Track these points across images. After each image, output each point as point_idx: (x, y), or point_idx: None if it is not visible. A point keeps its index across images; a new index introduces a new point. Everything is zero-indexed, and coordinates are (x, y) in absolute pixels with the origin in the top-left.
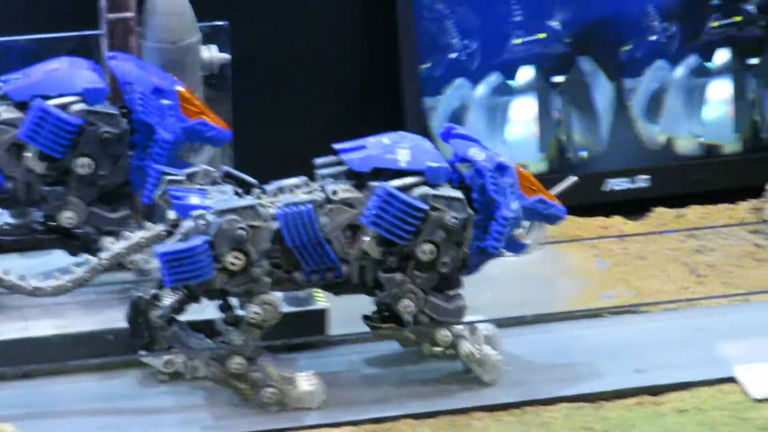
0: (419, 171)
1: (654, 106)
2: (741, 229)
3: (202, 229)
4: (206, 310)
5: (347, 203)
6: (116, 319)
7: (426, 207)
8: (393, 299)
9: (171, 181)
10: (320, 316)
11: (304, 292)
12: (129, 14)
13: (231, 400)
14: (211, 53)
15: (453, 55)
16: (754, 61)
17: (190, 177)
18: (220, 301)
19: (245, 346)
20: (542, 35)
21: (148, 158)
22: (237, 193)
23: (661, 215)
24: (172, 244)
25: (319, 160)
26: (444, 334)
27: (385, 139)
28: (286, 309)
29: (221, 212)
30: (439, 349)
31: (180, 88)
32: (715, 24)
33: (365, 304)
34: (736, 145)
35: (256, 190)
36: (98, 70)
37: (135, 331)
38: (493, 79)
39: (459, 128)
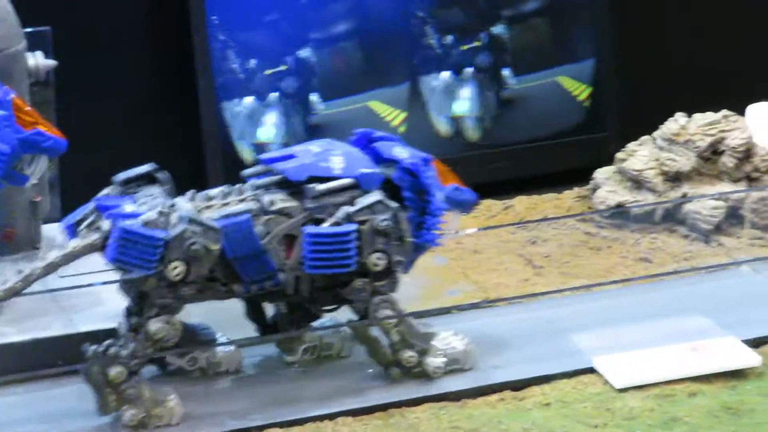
0: (353, 178)
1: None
2: (570, 219)
3: (162, 225)
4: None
5: (284, 213)
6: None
7: (354, 227)
8: (366, 305)
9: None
10: None
11: None
12: None
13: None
14: (37, 60)
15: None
16: None
17: (126, 183)
18: (130, 305)
19: (134, 357)
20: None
21: None
22: (164, 194)
23: (489, 207)
24: (133, 224)
25: (246, 171)
26: (409, 354)
27: (314, 147)
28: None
29: (190, 220)
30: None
31: (14, 98)
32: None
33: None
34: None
35: (188, 193)
36: None
37: None
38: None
39: (376, 132)
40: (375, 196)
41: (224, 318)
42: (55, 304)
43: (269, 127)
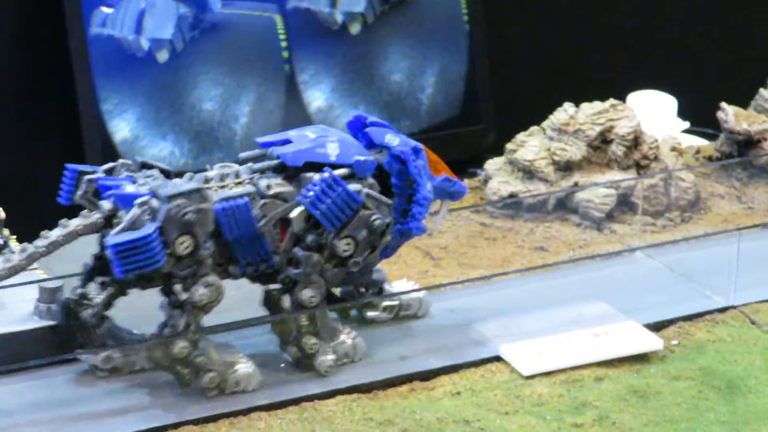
0: (348, 165)
1: None
2: (464, 210)
3: (149, 216)
4: None
5: (280, 197)
6: None
7: (360, 202)
8: (301, 279)
9: (90, 179)
10: None
11: (56, 305)
12: None
13: (172, 390)
14: None
15: None
16: None
17: (109, 171)
18: (163, 286)
19: (190, 329)
20: None
21: None
22: (166, 177)
23: None
24: (122, 235)
25: (242, 155)
26: (312, 342)
27: (309, 132)
28: (39, 323)
29: (169, 197)
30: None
31: None
32: None
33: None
34: None
35: (187, 175)
36: None
37: (70, 333)
38: None
39: (370, 117)
40: (389, 200)
41: None
42: None
43: (158, 22)
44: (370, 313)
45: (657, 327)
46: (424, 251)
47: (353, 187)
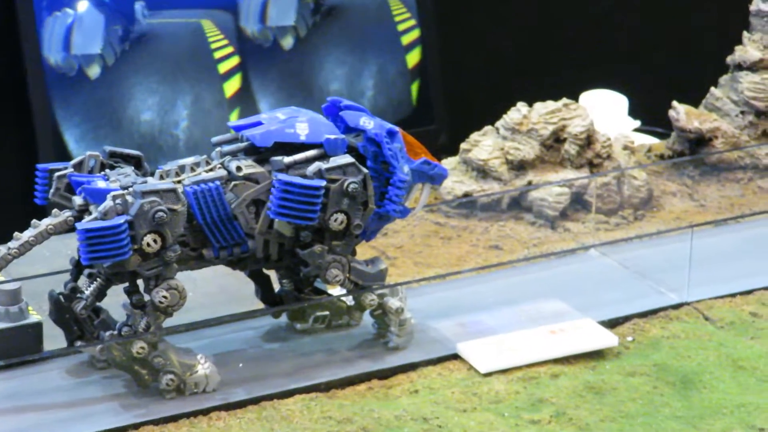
0: (318, 144)
1: None
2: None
3: (121, 209)
4: None
5: (251, 179)
6: None
7: (323, 183)
8: (319, 270)
9: (61, 176)
10: (35, 329)
11: (16, 306)
12: None
13: (132, 389)
14: None
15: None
16: None
17: (78, 166)
18: (127, 284)
19: (148, 330)
20: None
21: None
22: (137, 174)
23: None
24: (92, 222)
25: (215, 138)
26: (371, 298)
27: (280, 114)
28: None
29: (143, 193)
30: (306, 325)
31: None
32: None
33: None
34: None
35: (158, 171)
36: None
37: (63, 327)
38: None
39: (344, 100)
40: (348, 158)
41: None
42: None
43: (87, 38)
44: (300, 326)
45: (612, 324)
46: (380, 250)
47: (309, 170)
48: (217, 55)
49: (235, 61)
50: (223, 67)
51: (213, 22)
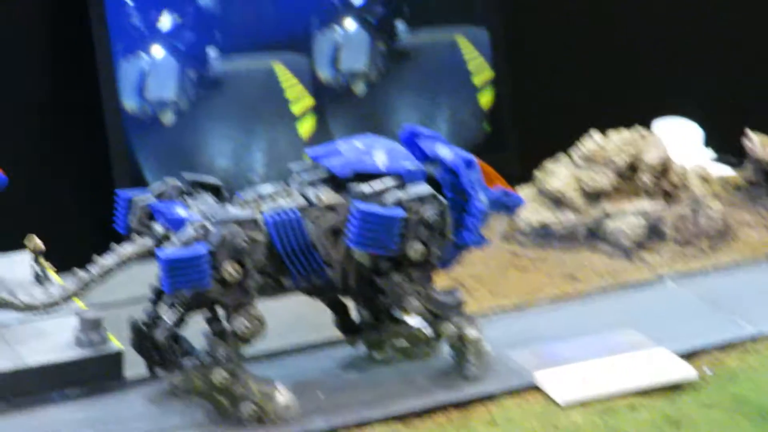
0: (397, 173)
1: None
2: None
3: (202, 238)
4: None
5: (330, 208)
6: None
7: (402, 214)
8: (398, 299)
9: (142, 203)
10: (116, 357)
11: (97, 334)
12: None
13: (210, 417)
14: None
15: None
16: None
17: (160, 195)
18: (208, 312)
19: (229, 359)
20: None
21: None
22: (217, 202)
23: None
24: (173, 250)
25: (294, 166)
26: (448, 327)
27: (358, 143)
28: (80, 353)
29: (223, 222)
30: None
31: None
32: None
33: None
34: None
35: (238, 199)
36: None
37: (144, 354)
38: None
39: (422, 129)
40: (427, 188)
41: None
42: (0, 338)
43: (161, 83)
44: (378, 355)
45: (688, 355)
46: (456, 280)
47: (388, 200)
48: (291, 96)
49: (308, 102)
50: (297, 109)
51: (285, 66)
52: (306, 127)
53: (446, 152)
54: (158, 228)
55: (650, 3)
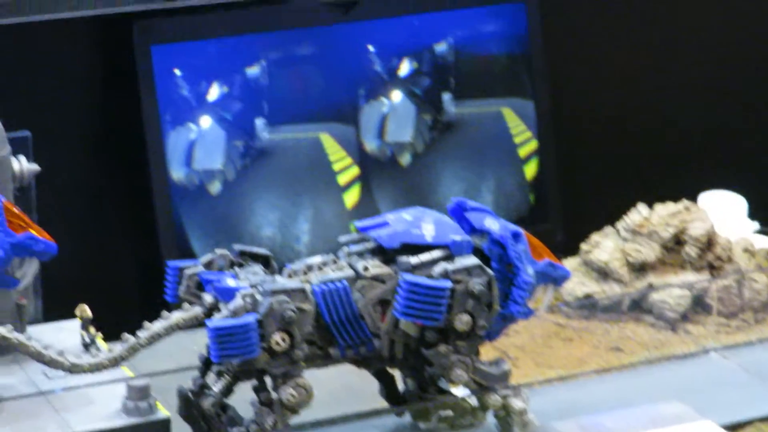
0: (444, 245)
1: None
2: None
3: (251, 307)
4: None
5: (378, 279)
6: None
7: (449, 284)
8: (444, 370)
9: (191, 273)
10: (164, 425)
11: (145, 402)
12: None
13: None
14: (21, 165)
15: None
16: None
17: (207, 264)
18: (255, 381)
19: (277, 428)
20: None
21: None
22: (266, 272)
23: None
24: (223, 320)
25: (342, 238)
26: (494, 398)
27: (406, 215)
28: (127, 421)
29: (272, 292)
30: (429, 424)
31: (5, 202)
32: None
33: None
34: None
35: (287, 270)
36: None
37: (191, 423)
38: None
39: (470, 202)
40: (474, 259)
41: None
42: (48, 405)
43: (209, 153)
44: (424, 425)
45: (733, 427)
46: (502, 350)
47: (435, 271)
48: (337, 167)
49: (354, 172)
50: (343, 179)
51: (332, 136)
52: (351, 197)
53: (494, 225)
54: (208, 298)
55: (697, 78)
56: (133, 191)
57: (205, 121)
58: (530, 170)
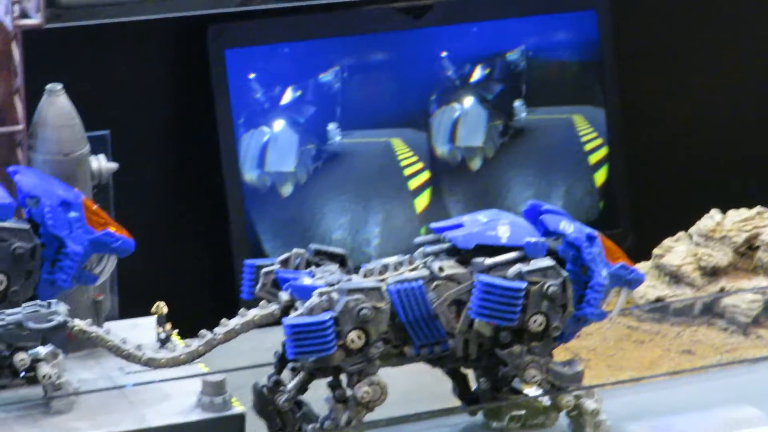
0: (519, 246)
1: None
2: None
3: (327, 305)
4: None
5: (453, 279)
6: None
7: (524, 285)
8: (517, 370)
9: (268, 272)
10: (239, 420)
11: (220, 397)
12: (18, 127)
13: None
14: (100, 163)
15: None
16: None
17: (284, 263)
18: (330, 378)
19: (351, 425)
20: None
21: (58, 272)
22: (342, 271)
23: None
24: (299, 318)
25: (418, 239)
26: (567, 399)
27: (481, 216)
28: (202, 416)
29: (348, 291)
30: (502, 424)
31: (84, 199)
32: None
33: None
34: None
35: (362, 269)
36: None
37: (266, 419)
38: None
39: (545, 204)
40: (548, 261)
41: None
42: (125, 399)
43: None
44: (496, 424)
45: None
46: (573, 352)
47: (510, 272)
48: (407, 172)
49: (425, 176)
50: (414, 184)
51: (403, 141)
52: (422, 201)
53: (569, 227)
54: (284, 296)
55: None
56: (206, 192)
57: (278, 125)
58: (600, 177)
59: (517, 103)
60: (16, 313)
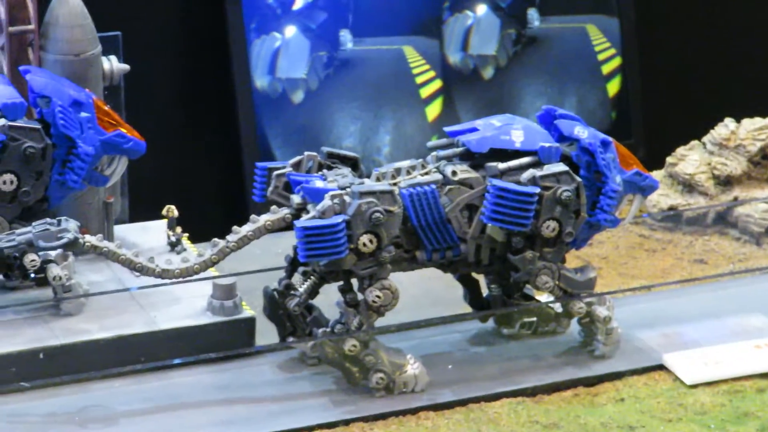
0: (533, 151)
1: None
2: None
3: (339, 209)
4: None
5: (465, 183)
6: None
7: (537, 190)
8: (529, 276)
9: (280, 174)
10: (249, 324)
11: (230, 301)
12: (30, 27)
13: (342, 386)
14: (112, 64)
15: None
16: None
17: (296, 166)
18: (341, 283)
19: (362, 329)
20: None
21: (68, 172)
22: (354, 175)
23: None
24: (311, 220)
25: (431, 143)
26: (579, 305)
27: (495, 120)
28: (214, 319)
29: (360, 194)
30: (513, 330)
31: (96, 99)
32: None
33: None
34: None
35: (375, 173)
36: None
37: (276, 323)
38: None
39: (559, 109)
40: (562, 166)
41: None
42: (134, 303)
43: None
44: (507, 331)
45: None
46: (585, 260)
47: (523, 177)
48: (419, 80)
49: (437, 85)
50: (425, 92)
51: (415, 49)
52: (434, 110)
53: (583, 132)
54: (296, 199)
55: None
56: (217, 96)
57: (290, 31)
58: (613, 87)
59: (531, 12)
60: (27, 232)
